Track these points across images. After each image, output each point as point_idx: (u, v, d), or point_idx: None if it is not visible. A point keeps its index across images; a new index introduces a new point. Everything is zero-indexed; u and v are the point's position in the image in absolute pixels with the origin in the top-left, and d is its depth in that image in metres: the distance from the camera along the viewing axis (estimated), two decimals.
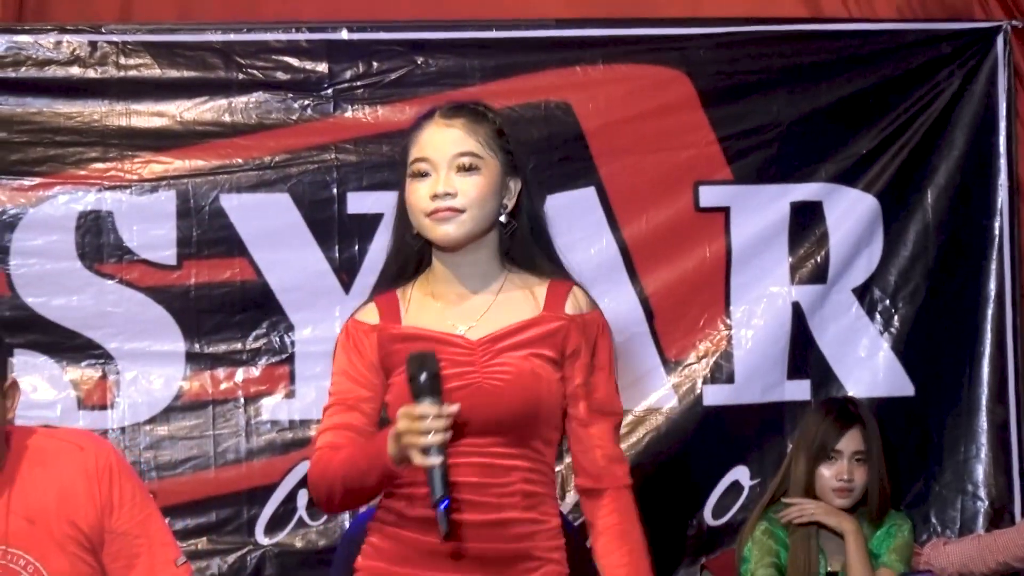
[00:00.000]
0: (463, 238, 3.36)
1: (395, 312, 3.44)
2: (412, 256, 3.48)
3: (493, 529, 3.35)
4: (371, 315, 3.43)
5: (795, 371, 5.50)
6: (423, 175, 3.38)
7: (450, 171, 3.35)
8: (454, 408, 3.17)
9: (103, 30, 5.31)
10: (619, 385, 3.53)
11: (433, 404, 3.19)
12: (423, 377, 3.20)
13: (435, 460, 3.15)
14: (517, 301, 3.45)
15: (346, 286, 5.33)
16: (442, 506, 3.18)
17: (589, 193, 5.45)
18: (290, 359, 5.33)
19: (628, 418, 5.41)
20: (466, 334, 3.39)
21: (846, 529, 4.92)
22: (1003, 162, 5.56)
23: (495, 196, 3.37)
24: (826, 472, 4.99)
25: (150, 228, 5.28)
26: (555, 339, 3.42)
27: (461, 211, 3.34)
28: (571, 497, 5.32)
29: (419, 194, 3.36)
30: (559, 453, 3.54)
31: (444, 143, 3.38)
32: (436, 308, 3.43)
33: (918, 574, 5.05)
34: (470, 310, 3.43)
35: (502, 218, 3.40)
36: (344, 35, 5.38)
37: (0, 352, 3.87)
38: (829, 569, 4.96)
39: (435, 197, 3.33)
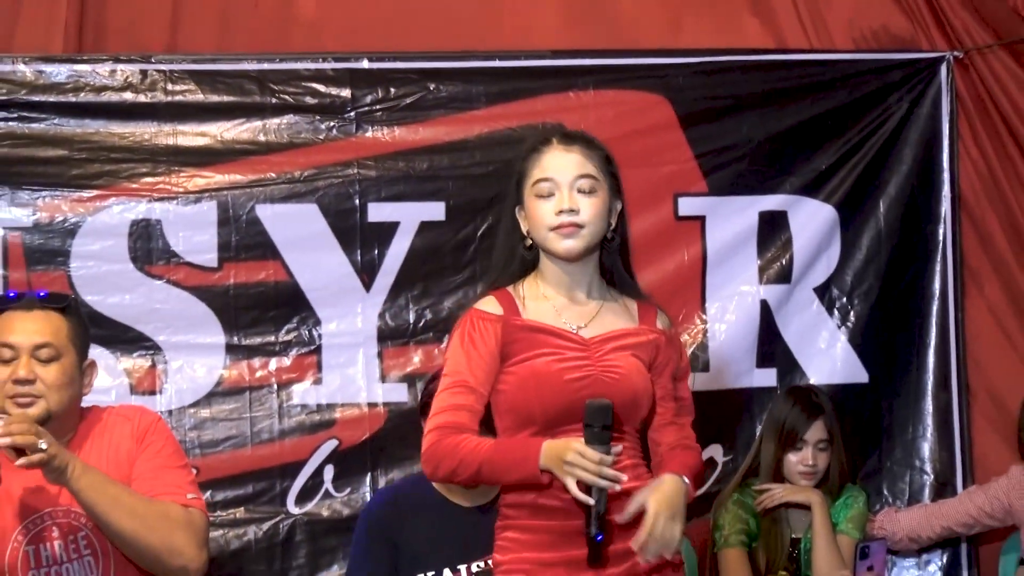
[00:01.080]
0: (583, 251, 3.51)
1: (514, 306, 3.56)
2: (521, 263, 3.62)
3: (618, 499, 3.44)
4: (494, 306, 3.56)
5: (763, 361, 5.61)
6: (548, 195, 3.52)
7: (572, 191, 3.50)
8: (609, 458, 3.32)
9: (152, 60, 5.43)
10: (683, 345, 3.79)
11: (603, 451, 3.34)
12: (598, 427, 3.36)
13: (592, 500, 3.31)
14: (618, 311, 3.61)
15: (367, 285, 5.43)
16: (598, 539, 3.36)
17: None
18: (317, 350, 5.42)
19: None
20: (580, 332, 3.54)
21: (813, 501, 5.00)
22: (946, 176, 5.69)
23: (607, 215, 3.54)
24: (793, 458, 5.11)
25: (194, 235, 5.39)
26: (649, 349, 3.60)
27: (581, 227, 3.49)
28: None
29: (544, 210, 3.51)
30: None
31: (567, 166, 3.52)
32: (550, 307, 3.57)
33: (874, 541, 5.13)
34: (581, 312, 3.57)
35: (608, 234, 3.58)
36: (365, 64, 5.47)
37: (86, 337, 4.08)
38: (792, 536, 5.04)
39: (560, 213, 3.48)
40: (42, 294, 4.18)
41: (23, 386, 3.90)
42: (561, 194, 3.51)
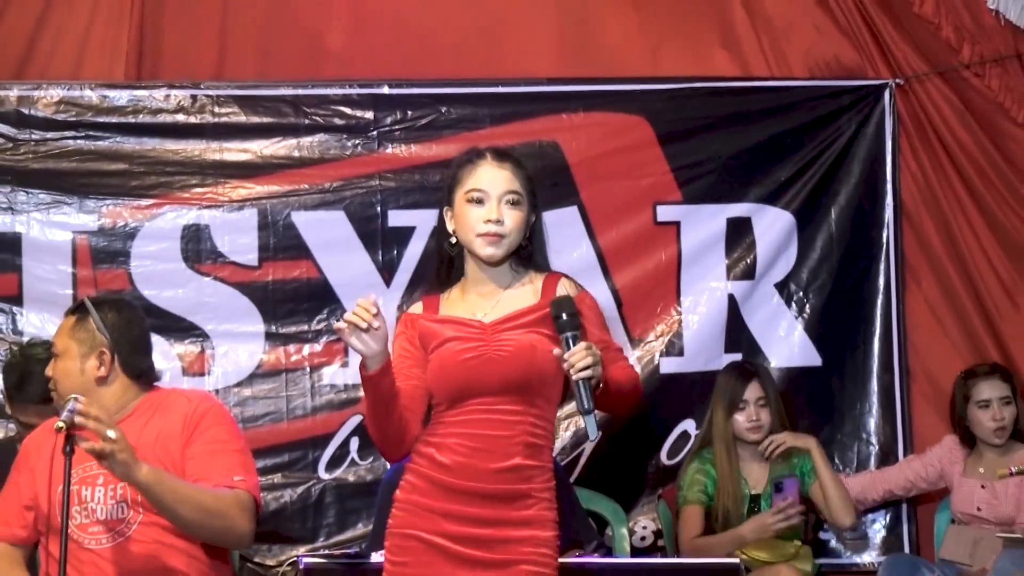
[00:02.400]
0: (502, 257, 3.54)
1: (435, 306, 3.61)
2: (448, 261, 3.62)
3: (502, 473, 3.43)
4: (418, 308, 3.61)
5: (730, 346, 5.70)
6: (478, 202, 3.51)
7: (500, 203, 3.50)
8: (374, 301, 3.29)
9: (201, 86, 5.58)
10: (597, 304, 3.65)
11: (573, 334, 3.33)
12: (564, 316, 3.37)
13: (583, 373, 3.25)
14: (521, 294, 3.58)
15: (387, 281, 5.56)
16: (587, 403, 3.30)
17: (573, 211, 5.64)
18: None
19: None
20: (482, 319, 3.52)
21: (810, 444, 5.18)
22: (889, 187, 5.78)
23: (524, 228, 3.55)
24: (740, 418, 5.22)
25: (238, 237, 5.53)
26: (550, 320, 3.45)
27: (504, 236, 3.50)
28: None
29: (473, 216, 3.50)
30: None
31: (497, 180, 3.52)
32: (464, 303, 3.59)
33: (787, 478, 5.10)
34: (487, 303, 3.57)
35: (523, 243, 3.57)
36: (385, 90, 5.62)
37: (98, 325, 4.06)
38: (752, 492, 5.14)
39: (488, 222, 3.48)
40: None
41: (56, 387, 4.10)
42: (490, 204, 3.51)
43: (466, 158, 3.61)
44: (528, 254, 3.61)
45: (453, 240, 3.57)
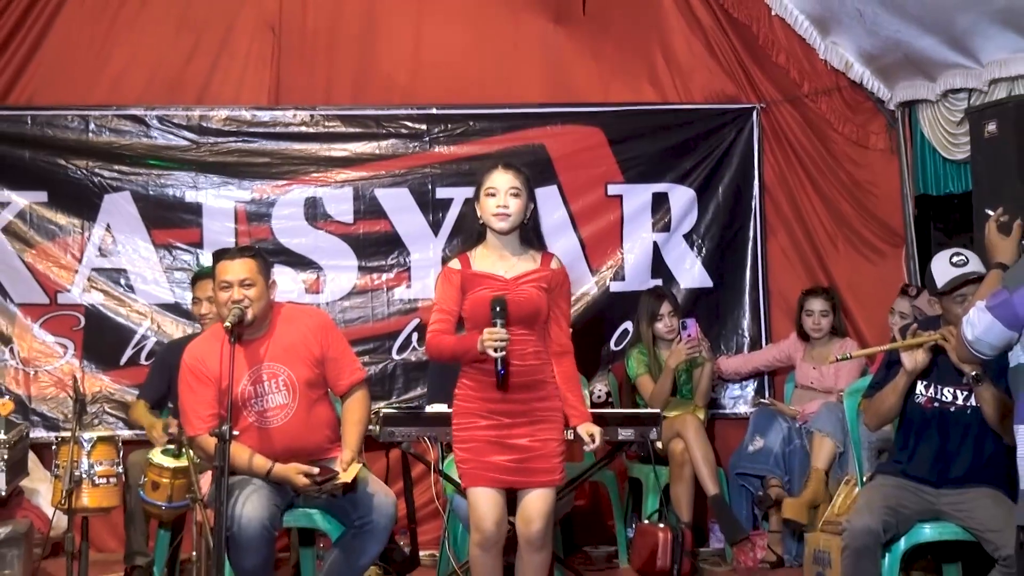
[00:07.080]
0: (509, 229, 3.91)
1: (468, 263, 3.96)
2: (476, 234, 3.99)
3: (523, 369, 3.88)
4: (456, 264, 3.97)
5: (654, 274, 6.34)
6: (492, 195, 3.92)
7: (506, 195, 3.89)
8: (505, 333, 3.74)
9: (316, 108, 6.28)
10: (569, 280, 4.09)
11: (502, 324, 3.76)
12: (498, 308, 3.81)
13: (500, 354, 3.77)
14: (528, 261, 3.96)
15: (435, 233, 6.23)
16: (501, 372, 3.81)
17: (554, 188, 6.27)
18: (408, 269, 6.24)
19: (573, 300, 5.63)
20: (504, 275, 3.91)
21: (707, 361, 5.74)
22: (756, 173, 6.41)
23: (524, 211, 3.93)
24: (659, 325, 5.89)
25: (340, 205, 6.22)
26: (546, 279, 3.91)
27: (509, 215, 3.89)
28: None
29: (490, 204, 3.92)
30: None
31: (504, 180, 3.92)
32: (488, 261, 3.94)
33: (688, 319, 5.64)
34: (506, 264, 3.93)
35: (525, 220, 3.94)
36: (434, 111, 6.32)
37: (267, 266, 4.50)
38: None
39: (499, 207, 3.89)
40: (241, 248, 4.63)
41: (237, 304, 4.30)
42: (500, 196, 3.87)
43: (486, 168, 4.04)
44: (529, 233, 4.00)
45: (481, 222, 3.97)
